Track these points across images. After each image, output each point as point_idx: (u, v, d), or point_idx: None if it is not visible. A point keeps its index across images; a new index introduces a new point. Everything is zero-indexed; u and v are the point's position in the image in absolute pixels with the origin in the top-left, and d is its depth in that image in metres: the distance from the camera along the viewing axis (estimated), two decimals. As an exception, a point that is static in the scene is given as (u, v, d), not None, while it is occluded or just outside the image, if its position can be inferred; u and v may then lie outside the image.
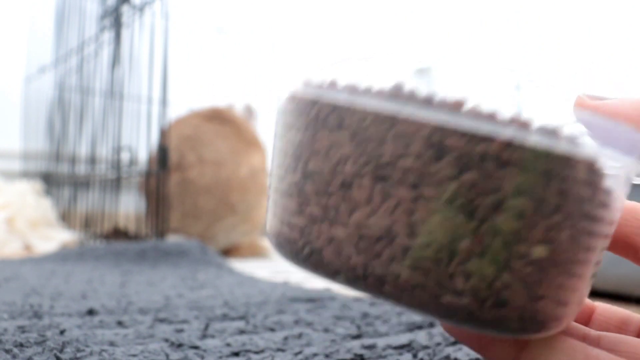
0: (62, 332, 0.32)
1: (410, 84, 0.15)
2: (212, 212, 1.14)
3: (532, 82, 0.20)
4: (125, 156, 1.01)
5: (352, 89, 0.14)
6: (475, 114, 0.14)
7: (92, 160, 1.14)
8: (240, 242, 1.15)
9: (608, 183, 0.14)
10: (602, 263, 0.17)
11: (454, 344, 0.32)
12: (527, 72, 1.16)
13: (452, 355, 0.29)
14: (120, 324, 0.36)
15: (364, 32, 1.82)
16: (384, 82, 0.15)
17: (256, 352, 0.29)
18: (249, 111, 1.35)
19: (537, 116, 0.15)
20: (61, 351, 0.27)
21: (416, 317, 0.38)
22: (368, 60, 0.16)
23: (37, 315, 0.38)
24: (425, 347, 0.31)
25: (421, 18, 1.62)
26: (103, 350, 0.28)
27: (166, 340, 0.32)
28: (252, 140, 1.25)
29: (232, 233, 1.15)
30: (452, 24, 1.55)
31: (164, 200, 0.96)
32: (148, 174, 1.00)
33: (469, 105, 0.14)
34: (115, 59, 1.04)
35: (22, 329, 0.32)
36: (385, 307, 0.43)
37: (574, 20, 1.25)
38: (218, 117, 1.24)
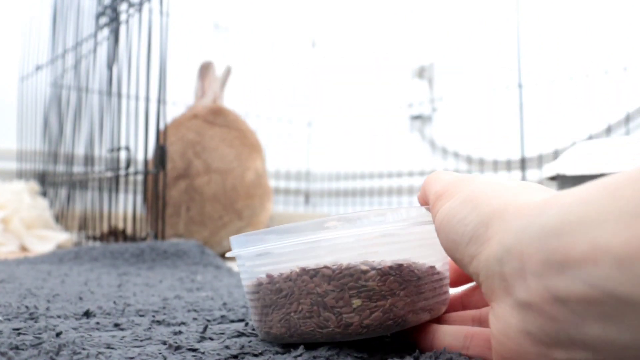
0: (58, 335, 0.31)
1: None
2: (219, 219, 1.14)
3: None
4: (122, 156, 1.01)
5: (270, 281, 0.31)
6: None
7: (89, 160, 1.13)
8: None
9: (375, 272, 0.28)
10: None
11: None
12: (527, 72, 1.14)
13: (455, 359, 0.28)
14: (117, 326, 0.36)
15: (364, 31, 1.82)
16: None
17: (255, 355, 0.29)
18: (203, 67, 1.31)
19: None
20: (57, 354, 0.27)
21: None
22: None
23: (33, 317, 0.37)
24: (426, 350, 0.30)
25: (421, 18, 1.62)
26: (100, 352, 0.28)
27: (164, 342, 0.31)
28: (254, 144, 1.24)
29: None
30: (452, 24, 1.55)
31: (163, 200, 0.95)
32: (145, 174, 0.99)
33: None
34: (113, 57, 1.04)
35: (17, 331, 0.32)
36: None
37: (573, 21, 1.25)
38: (221, 121, 1.22)
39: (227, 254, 0.33)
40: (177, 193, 1.12)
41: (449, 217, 0.24)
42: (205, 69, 1.29)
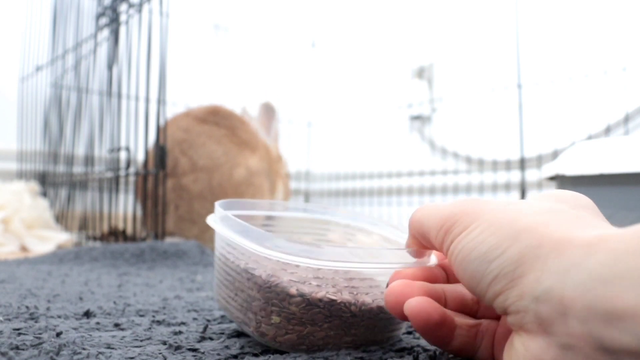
0: (58, 335, 0.31)
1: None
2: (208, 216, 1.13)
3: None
4: (122, 156, 1.01)
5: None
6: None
7: (89, 160, 1.13)
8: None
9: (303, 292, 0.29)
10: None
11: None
12: (527, 71, 1.13)
13: (453, 359, 0.29)
14: (117, 326, 0.36)
15: (363, 31, 1.82)
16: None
17: (255, 355, 0.29)
18: (268, 109, 1.33)
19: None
20: (57, 354, 0.27)
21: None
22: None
23: (33, 317, 0.37)
24: (426, 350, 0.31)
25: (421, 18, 1.62)
26: (100, 352, 0.28)
27: (164, 342, 0.31)
28: (248, 142, 1.23)
29: None
30: (452, 24, 1.55)
31: (163, 200, 0.95)
32: (145, 174, 0.99)
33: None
34: (113, 58, 1.04)
35: (17, 332, 0.32)
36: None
37: (573, 21, 1.25)
38: (212, 118, 1.21)
39: (207, 219, 0.34)
40: (166, 191, 1.11)
41: (466, 251, 0.23)
42: (270, 110, 1.31)
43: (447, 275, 0.30)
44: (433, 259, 0.30)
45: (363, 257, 0.29)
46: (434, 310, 0.25)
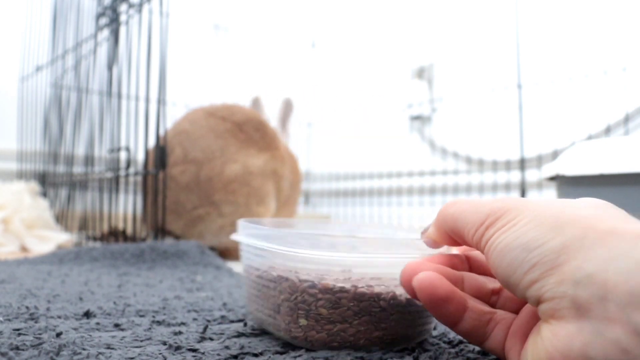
0: (58, 335, 0.31)
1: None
2: (193, 210, 1.08)
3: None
4: (122, 156, 1.01)
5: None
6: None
7: (89, 160, 1.13)
8: (232, 244, 1.11)
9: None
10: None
11: (454, 346, 0.32)
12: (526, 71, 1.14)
13: (454, 359, 0.29)
14: (117, 326, 0.36)
15: (363, 31, 1.82)
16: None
17: (255, 355, 0.29)
18: (287, 105, 1.32)
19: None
20: (57, 354, 0.27)
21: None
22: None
23: (33, 317, 0.37)
24: (426, 351, 0.31)
25: (421, 18, 1.62)
26: (100, 353, 0.28)
27: (164, 343, 0.31)
28: (255, 140, 1.17)
29: (221, 235, 1.10)
30: (452, 24, 1.55)
31: (163, 200, 0.95)
32: (145, 174, 0.99)
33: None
34: (113, 58, 1.04)
35: (17, 332, 0.32)
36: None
37: (573, 21, 1.25)
38: (220, 113, 1.17)
39: (231, 236, 0.36)
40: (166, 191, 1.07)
41: (508, 240, 0.23)
42: (289, 106, 1.30)
43: (470, 267, 0.30)
44: (452, 249, 0.31)
45: (381, 248, 0.29)
46: (441, 285, 0.26)
